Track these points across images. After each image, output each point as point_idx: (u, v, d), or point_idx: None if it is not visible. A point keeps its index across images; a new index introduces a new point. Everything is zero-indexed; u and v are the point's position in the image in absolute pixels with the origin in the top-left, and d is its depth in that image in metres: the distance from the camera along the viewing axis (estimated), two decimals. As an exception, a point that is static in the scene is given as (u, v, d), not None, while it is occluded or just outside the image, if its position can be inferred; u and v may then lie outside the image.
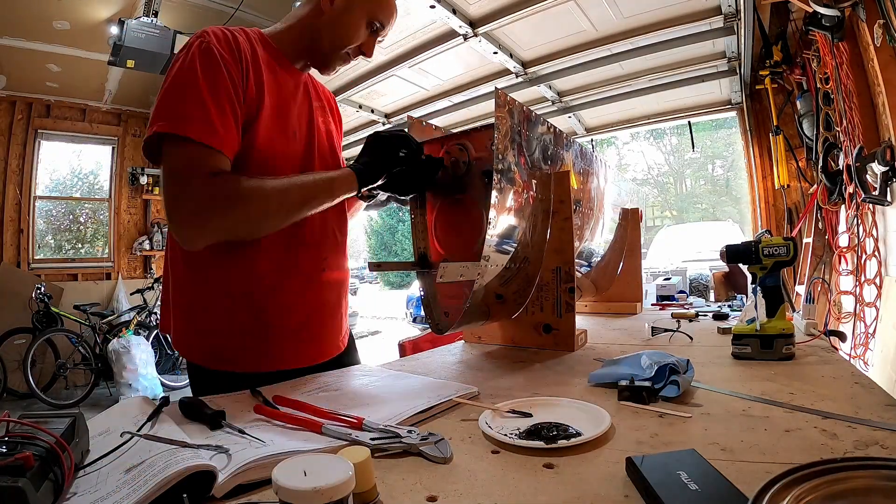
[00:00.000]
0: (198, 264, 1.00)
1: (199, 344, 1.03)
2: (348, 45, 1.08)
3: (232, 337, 1.01)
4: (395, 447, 0.63)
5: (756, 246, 1.13)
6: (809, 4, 2.46)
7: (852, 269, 2.92)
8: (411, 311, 8.98)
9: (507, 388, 0.93)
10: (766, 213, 4.41)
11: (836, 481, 0.43)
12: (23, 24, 4.10)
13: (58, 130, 5.69)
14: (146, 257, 6.17)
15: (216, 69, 0.89)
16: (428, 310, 1.30)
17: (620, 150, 19.84)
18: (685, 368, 0.87)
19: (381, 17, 1.08)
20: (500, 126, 1.04)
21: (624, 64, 3.85)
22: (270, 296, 1.02)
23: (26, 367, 4.53)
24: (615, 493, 0.51)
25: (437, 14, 3.08)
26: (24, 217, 5.42)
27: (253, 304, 1.01)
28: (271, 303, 1.02)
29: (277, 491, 0.40)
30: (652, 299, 2.26)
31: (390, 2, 1.10)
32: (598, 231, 1.76)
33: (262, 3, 3.74)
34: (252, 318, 1.01)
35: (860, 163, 2.46)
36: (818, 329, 1.25)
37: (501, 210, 1.06)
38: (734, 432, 0.66)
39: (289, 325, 1.05)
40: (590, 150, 1.69)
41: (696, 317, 1.70)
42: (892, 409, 0.71)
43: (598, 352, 1.24)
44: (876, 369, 2.53)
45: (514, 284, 1.23)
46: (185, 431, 0.63)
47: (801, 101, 3.39)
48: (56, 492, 0.49)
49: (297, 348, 1.07)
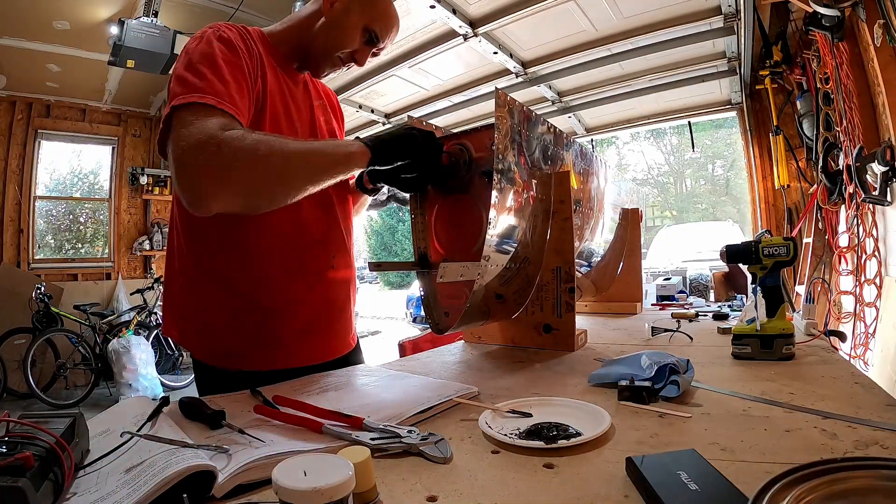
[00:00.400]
0: (206, 264, 1.01)
1: (207, 343, 1.04)
2: (342, 48, 1.08)
3: (241, 337, 1.02)
4: (395, 447, 0.63)
5: (756, 246, 1.13)
6: (809, 4, 2.46)
7: (852, 269, 2.92)
8: (411, 311, 8.98)
9: (507, 388, 0.93)
10: (766, 213, 4.41)
11: (836, 481, 0.43)
12: (23, 24, 4.09)
13: (58, 130, 5.69)
14: (146, 257, 6.17)
15: (235, 54, 0.90)
16: (428, 310, 1.30)
17: (620, 150, 19.84)
18: (685, 368, 0.87)
19: (378, 27, 1.08)
20: (500, 126, 1.04)
21: (624, 64, 3.85)
22: (279, 296, 1.03)
23: (26, 367, 4.52)
24: (615, 493, 0.51)
25: (437, 14, 3.08)
26: (24, 217, 5.42)
27: (261, 304, 1.02)
28: (280, 303, 1.03)
29: (277, 491, 0.40)
30: (652, 299, 2.26)
31: (390, 14, 1.10)
32: (598, 231, 1.76)
33: (262, 3, 3.74)
34: (261, 317, 1.02)
35: (860, 163, 2.46)
36: (818, 329, 1.25)
37: (501, 210, 1.06)
38: (734, 432, 0.66)
39: (297, 324, 1.06)
40: (590, 150, 1.69)
41: (696, 317, 1.70)
42: (892, 409, 0.71)
43: (598, 352, 1.24)
44: (876, 369, 2.53)
45: (514, 284, 1.23)
46: (185, 431, 0.63)
47: (801, 101, 3.39)
48: (56, 492, 0.49)
49: (305, 347, 1.08)
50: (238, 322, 1.01)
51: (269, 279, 1.02)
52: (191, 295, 1.04)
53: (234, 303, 1.01)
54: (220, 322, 1.02)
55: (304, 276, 1.06)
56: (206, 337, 1.04)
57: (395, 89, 4.47)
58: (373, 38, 1.09)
